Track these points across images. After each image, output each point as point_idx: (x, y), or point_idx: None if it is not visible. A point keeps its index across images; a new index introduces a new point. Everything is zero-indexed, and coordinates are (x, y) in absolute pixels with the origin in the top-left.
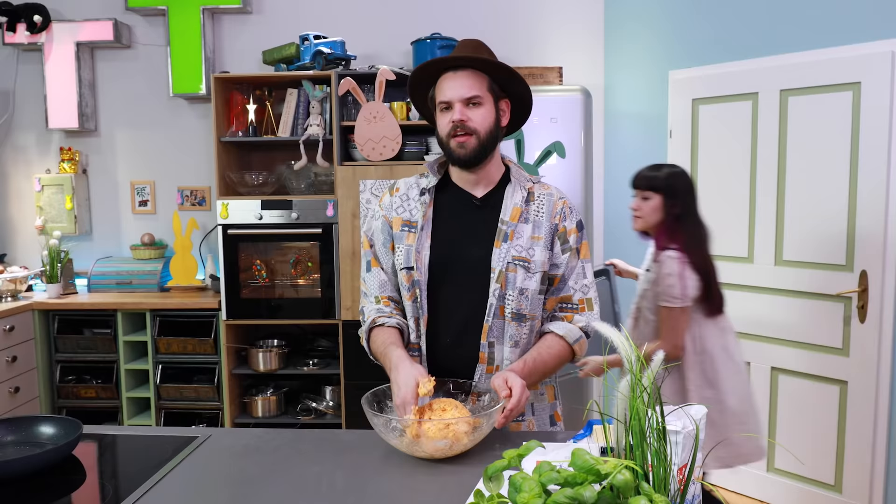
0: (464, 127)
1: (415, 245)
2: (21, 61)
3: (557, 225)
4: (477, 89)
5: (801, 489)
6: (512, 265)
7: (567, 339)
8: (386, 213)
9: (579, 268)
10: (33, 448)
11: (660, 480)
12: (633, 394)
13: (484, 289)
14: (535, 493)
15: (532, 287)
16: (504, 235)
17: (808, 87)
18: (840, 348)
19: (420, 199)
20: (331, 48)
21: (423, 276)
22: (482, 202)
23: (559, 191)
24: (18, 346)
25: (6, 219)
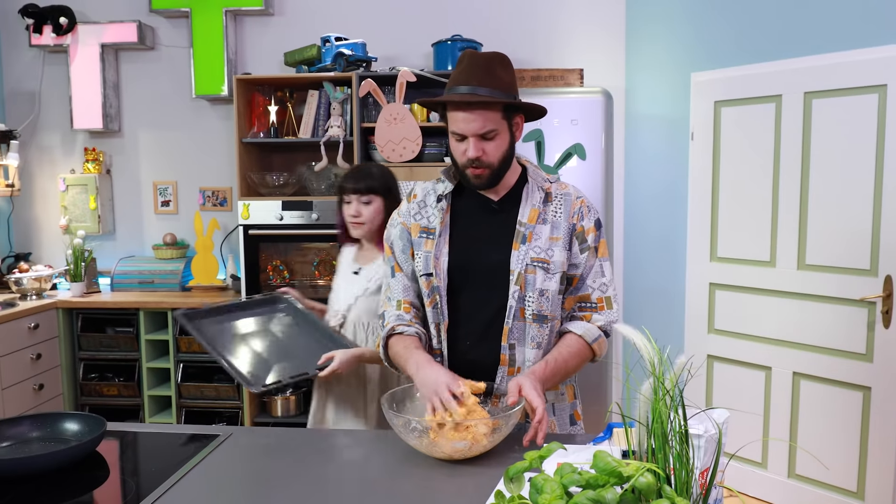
0: (479, 162)
1: (433, 251)
2: (47, 63)
3: (575, 225)
4: (491, 123)
5: (823, 496)
6: (531, 267)
7: (586, 338)
8: (404, 220)
9: (597, 266)
10: (58, 444)
11: (682, 484)
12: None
13: (503, 291)
14: (557, 495)
15: (552, 288)
16: (522, 237)
17: (833, 90)
18: (863, 354)
19: (437, 205)
20: (352, 50)
21: (443, 283)
22: (499, 205)
23: (577, 190)
24: (43, 344)
25: (31, 218)
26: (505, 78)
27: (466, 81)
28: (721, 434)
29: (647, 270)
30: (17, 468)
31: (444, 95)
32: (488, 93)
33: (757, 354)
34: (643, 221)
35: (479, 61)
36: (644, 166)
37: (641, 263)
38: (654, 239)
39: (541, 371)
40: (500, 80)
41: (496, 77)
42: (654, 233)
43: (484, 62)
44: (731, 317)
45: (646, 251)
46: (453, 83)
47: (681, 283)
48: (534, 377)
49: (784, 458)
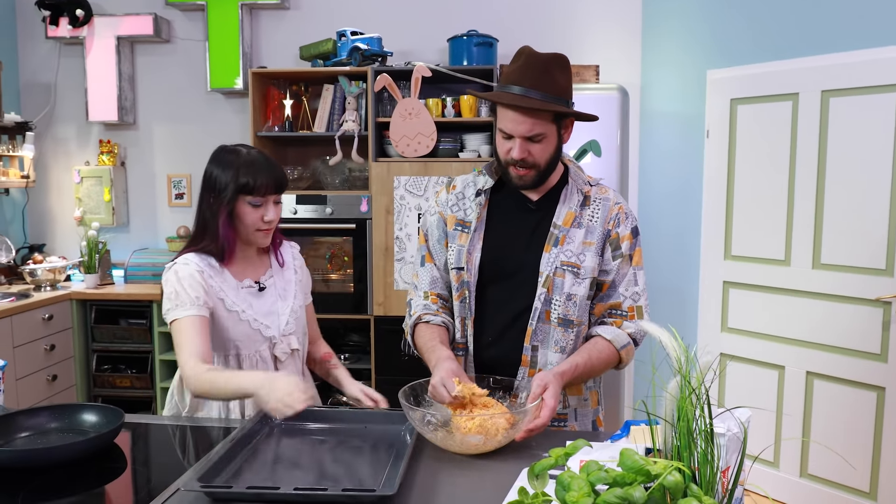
0: (524, 163)
1: (466, 246)
2: (63, 55)
3: (610, 231)
4: (540, 126)
5: (835, 496)
6: (560, 270)
7: (615, 343)
8: (442, 210)
9: (630, 275)
10: (76, 435)
11: (707, 483)
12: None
13: (531, 292)
14: (585, 493)
15: (580, 293)
16: (555, 240)
17: (851, 88)
18: (878, 354)
19: (475, 199)
20: (367, 44)
21: (473, 278)
22: (536, 205)
23: (617, 195)
24: (56, 335)
25: (46, 209)
26: (561, 81)
27: (520, 81)
28: (746, 433)
29: (660, 268)
30: (37, 459)
31: (496, 92)
32: (540, 97)
33: (770, 353)
34: (657, 219)
35: (536, 62)
36: (659, 163)
37: (655, 261)
38: (668, 236)
39: (569, 374)
40: (555, 84)
41: (552, 80)
42: (668, 230)
43: (541, 63)
44: (745, 315)
45: (660, 249)
46: (507, 80)
47: (695, 282)
48: (560, 380)
49: (796, 458)
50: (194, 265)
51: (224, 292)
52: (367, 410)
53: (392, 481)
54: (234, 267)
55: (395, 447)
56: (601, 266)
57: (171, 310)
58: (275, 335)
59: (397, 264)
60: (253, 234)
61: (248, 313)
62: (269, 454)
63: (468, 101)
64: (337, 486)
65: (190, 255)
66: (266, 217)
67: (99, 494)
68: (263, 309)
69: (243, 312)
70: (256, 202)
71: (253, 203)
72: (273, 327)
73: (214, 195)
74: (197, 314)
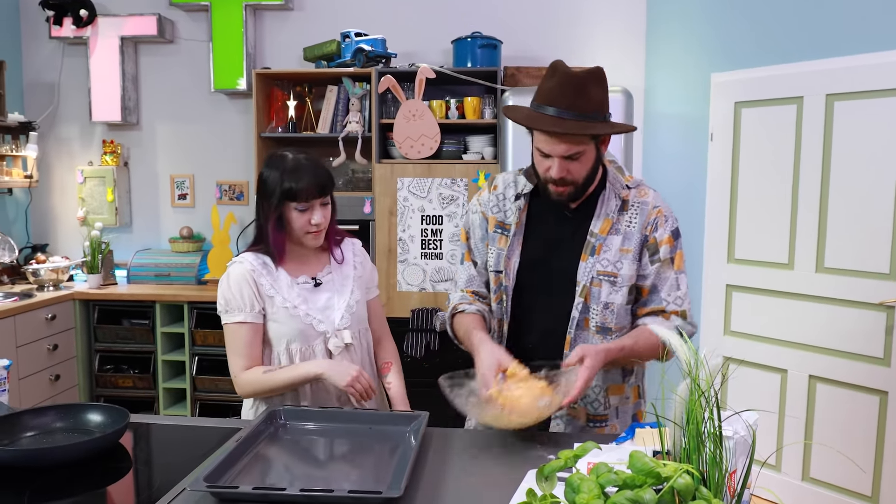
0: (563, 181)
1: (505, 250)
2: (66, 54)
3: (648, 236)
4: (578, 146)
5: (838, 499)
6: (597, 279)
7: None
8: (484, 210)
9: (672, 279)
10: (81, 435)
11: (716, 485)
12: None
13: (569, 300)
14: (595, 494)
15: (618, 301)
16: (592, 248)
17: (856, 92)
18: (881, 358)
19: (515, 202)
20: (371, 46)
21: (511, 282)
22: (573, 213)
23: (657, 197)
24: (59, 335)
25: (49, 209)
26: (596, 96)
27: (555, 102)
28: (755, 437)
29: None
30: (42, 458)
31: (531, 115)
32: (575, 117)
33: (773, 357)
34: None
35: (572, 80)
36: (662, 166)
37: None
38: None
39: (614, 353)
40: (591, 102)
41: (588, 98)
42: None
43: (576, 82)
44: (748, 319)
45: None
46: (542, 100)
47: (697, 284)
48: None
49: (798, 461)
50: (248, 264)
51: (275, 290)
52: (373, 412)
53: (398, 483)
54: (289, 265)
55: (401, 448)
56: (640, 271)
57: (221, 312)
58: (328, 330)
59: (400, 265)
60: (303, 237)
61: (300, 308)
62: (274, 455)
63: (472, 103)
64: (343, 487)
65: (246, 255)
66: (313, 220)
67: (104, 494)
68: (318, 304)
69: (295, 308)
70: (302, 207)
71: (298, 208)
72: (326, 322)
73: (265, 200)
74: (244, 320)
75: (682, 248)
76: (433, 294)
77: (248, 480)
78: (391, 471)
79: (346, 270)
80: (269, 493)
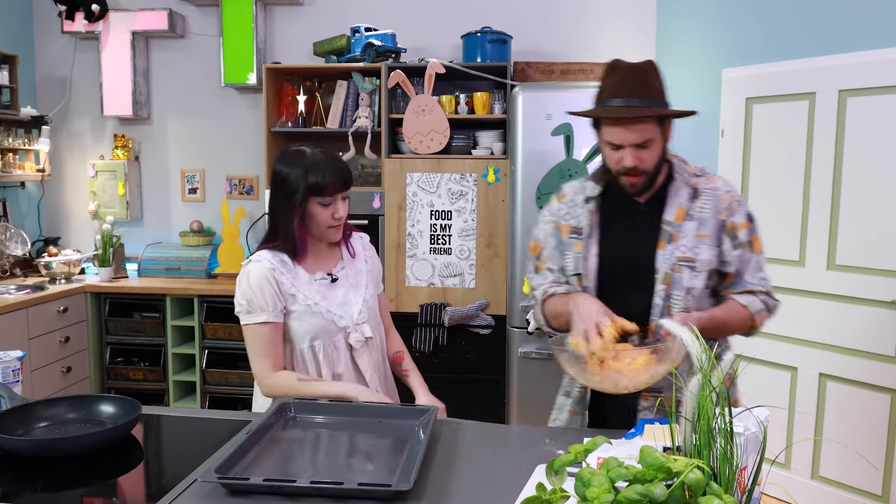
0: (636, 170)
1: (582, 252)
2: (78, 49)
3: (725, 221)
4: (648, 132)
5: (847, 498)
6: (678, 266)
7: (750, 308)
8: (556, 219)
9: (754, 262)
10: (94, 426)
11: (726, 481)
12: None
13: (649, 292)
14: (606, 489)
15: (699, 285)
16: (668, 236)
17: (869, 88)
18: (893, 356)
19: (586, 206)
20: (381, 40)
21: (592, 283)
22: (646, 206)
23: (727, 183)
24: (71, 328)
25: (61, 203)
26: (657, 86)
27: (622, 94)
28: (766, 433)
29: None
30: (55, 448)
31: (599, 109)
32: (643, 104)
33: (783, 354)
34: None
35: (633, 72)
36: None
37: None
38: None
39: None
40: (653, 90)
41: (650, 87)
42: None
43: (638, 72)
44: None
45: None
46: (608, 94)
47: None
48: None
49: (808, 459)
50: (267, 262)
51: (296, 287)
52: (383, 405)
53: (407, 476)
54: (306, 261)
55: (410, 442)
56: (721, 257)
57: (241, 313)
58: (348, 325)
59: (409, 260)
60: (325, 231)
61: (321, 305)
62: (284, 447)
63: (481, 98)
64: (352, 480)
65: (263, 253)
66: (336, 214)
67: (115, 484)
68: (337, 300)
69: (316, 304)
70: (326, 202)
71: (323, 203)
72: (346, 317)
73: (285, 197)
74: (266, 320)
75: (758, 231)
76: (441, 289)
77: (259, 472)
78: (401, 464)
79: (358, 265)
80: (280, 485)
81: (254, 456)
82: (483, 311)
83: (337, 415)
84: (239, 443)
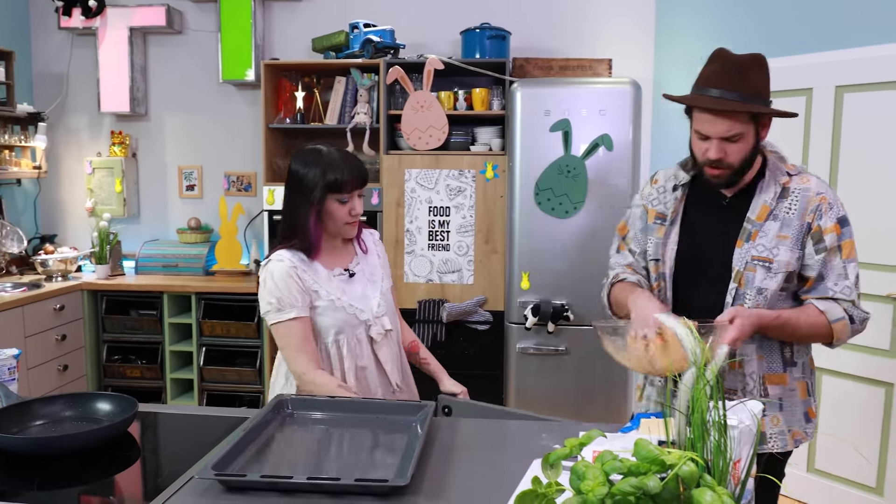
0: (720, 163)
1: (662, 238)
2: (75, 45)
3: (811, 224)
4: (737, 127)
5: (842, 491)
6: (751, 264)
7: (827, 315)
8: (645, 203)
9: (840, 268)
10: (90, 424)
11: (720, 474)
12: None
13: (724, 287)
14: (600, 482)
15: (772, 287)
16: (747, 235)
17: (866, 84)
18: (888, 350)
19: (673, 193)
20: (380, 36)
21: (668, 270)
22: (731, 201)
23: (821, 184)
24: (67, 325)
25: (58, 200)
26: (758, 82)
27: (717, 84)
28: (760, 426)
29: None
30: (52, 446)
31: (693, 95)
32: (737, 98)
33: None
34: None
35: (733, 64)
36: (672, 159)
37: None
38: None
39: (769, 319)
40: (752, 85)
41: (748, 81)
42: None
43: (737, 65)
44: None
45: None
46: (704, 83)
47: None
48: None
49: (803, 453)
50: (288, 261)
51: (318, 284)
52: (379, 400)
53: (404, 471)
54: (322, 258)
55: (407, 437)
56: (803, 260)
57: (270, 311)
58: (369, 318)
59: (407, 257)
60: (342, 228)
61: (342, 300)
62: (281, 443)
63: (480, 94)
64: (349, 475)
65: (283, 252)
66: (353, 211)
67: (112, 482)
68: (356, 294)
69: (338, 300)
70: (344, 199)
71: (341, 200)
72: (367, 311)
73: (302, 195)
74: (297, 315)
75: (852, 237)
76: (440, 285)
77: (256, 469)
78: (398, 459)
79: (371, 260)
80: (277, 481)
81: (251, 452)
82: (481, 307)
83: (334, 411)
84: (236, 439)
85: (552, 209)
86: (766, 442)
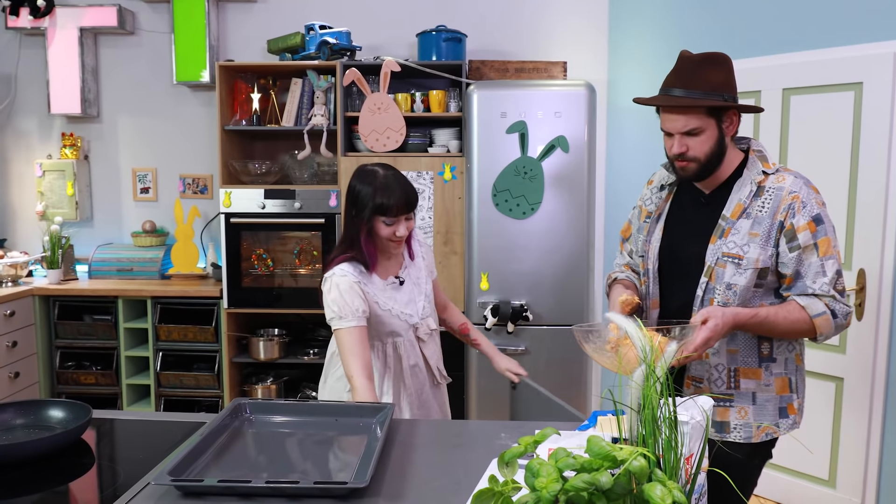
0: (684, 157)
1: (647, 236)
2: (23, 46)
3: (783, 222)
4: (694, 122)
5: (795, 483)
6: (721, 261)
7: (808, 310)
8: (642, 204)
9: (817, 265)
10: (42, 431)
11: (671, 468)
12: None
13: (697, 281)
14: (553, 478)
15: (741, 283)
16: (721, 231)
17: (811, 87)
18: (837, 346)
19: (660, 192)
20: (336, 38)
21: (652, 266)
22: (707, 199)
23: (797, 183)
24: (18, 332)
25: (6, 204)
26: (713, 78)
27: (675, 83)
28: (709, 421)
29: None
30: (3, 455)
31: (651, 97)
32: (685, 94)
33: None
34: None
35: (689, 63)
36: (626, 158)
37: None
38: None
39: (745, 317)
40: (705, 82)
41: (701, 78)
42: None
43: (691, 64)
44: None
45: None
46: (665, 84)
47: None
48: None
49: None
50: (351, 276)
51: (376, 295)
52: (339, 403)
53: (363, 473)
54: (378, 269)
55: (367, 439)
56: (779, 258)
57: (334, 319)
58: (417, 322)
59: None
60: (386, 245)
61: (396, 308)
62: (239, 448)
63: (437, 96)
64: (308, 478)
65: (345, 266)
66: (397, 233)
67: (67, 490)
68: (404, 300)
69: (394, 308)
70: (389, 221)
71: (387, 222)
72: (415, 315)
73: (357, 212)
74: (357, 324)
75: (829, 234)
76: None
77: (214, 474)
78: (357, 461)
79: (418, 264)
80: (235, 486)
81: (209, 458)
82: None
83: (293, 414)
84: (193, 444)
85: (510, 210)
86: (727, 431)
